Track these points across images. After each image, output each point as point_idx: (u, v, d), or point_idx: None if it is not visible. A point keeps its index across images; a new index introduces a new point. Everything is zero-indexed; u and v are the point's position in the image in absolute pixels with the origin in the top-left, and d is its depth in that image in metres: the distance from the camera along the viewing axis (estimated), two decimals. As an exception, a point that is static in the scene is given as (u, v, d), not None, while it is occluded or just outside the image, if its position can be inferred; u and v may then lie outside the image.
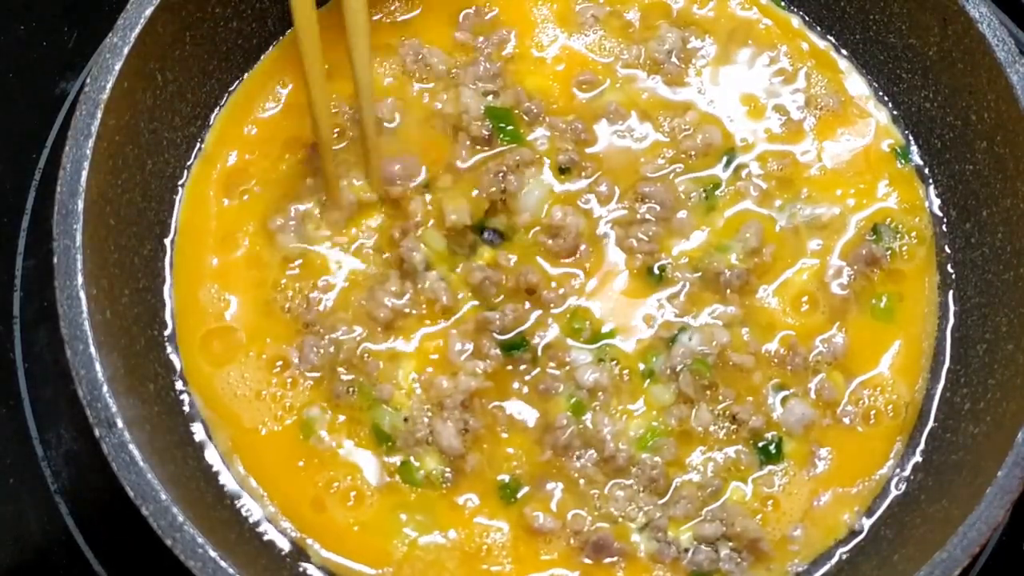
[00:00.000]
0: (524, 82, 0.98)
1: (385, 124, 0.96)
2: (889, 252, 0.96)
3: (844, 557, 0.89)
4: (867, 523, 0.89)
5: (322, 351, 0.90)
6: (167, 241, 0.93)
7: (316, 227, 0.93)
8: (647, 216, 0.94)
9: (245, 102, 0.98)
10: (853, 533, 0.90)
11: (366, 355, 0.90)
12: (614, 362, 0.91)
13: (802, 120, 0.99)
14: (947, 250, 0.97)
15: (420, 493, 0.87)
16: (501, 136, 0.95)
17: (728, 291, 0.93)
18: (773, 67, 1.01)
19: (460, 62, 0.98)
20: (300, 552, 0.87)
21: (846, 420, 0.91)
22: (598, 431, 0.88)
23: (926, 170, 0.99)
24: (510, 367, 0.90)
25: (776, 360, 0.92)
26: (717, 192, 0.96)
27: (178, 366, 0.90)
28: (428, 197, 0.93)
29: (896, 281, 0.96)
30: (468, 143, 0.95)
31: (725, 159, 0.97)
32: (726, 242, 0.94)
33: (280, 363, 0.90)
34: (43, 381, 1.00)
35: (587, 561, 0.86)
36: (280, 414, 0.89)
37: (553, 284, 0.92)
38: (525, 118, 0.96)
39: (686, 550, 0.87)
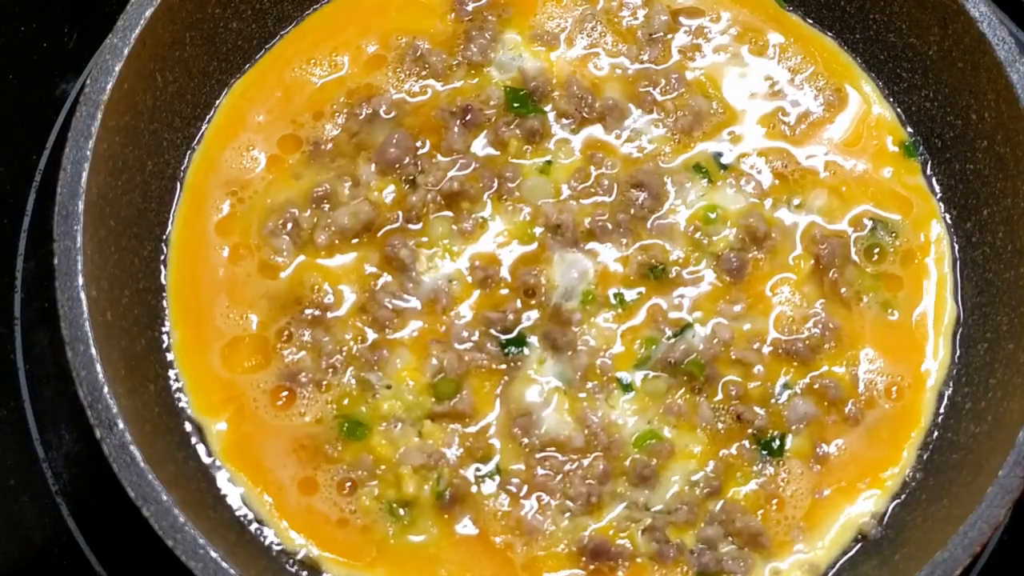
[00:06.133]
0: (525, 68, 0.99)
1: (382, 115, 0.96)
2: (890, 249, 0.96)
3: (845, 556, 0.89)
4: (870, 521, 0.89)
5: (322, 351, 0.90)
6: (167, 242, 0.93)
7: (316, 228, 0.93)
8: (642, 206, 0.94)
9: (245, 103, 0.98)
10: (855, 531, 0.89)
11: (365, 356, 0.90)
12: (612, 358, 0.91)
13: (803, 118, 0.99)
14: (948, 249, 0.97)
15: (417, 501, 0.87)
16: (518, 109, 0.96)
17: (729, 280, 0.93)
18: (774, 65, 1.01)
19: (458, 48, 0.99)
20: (300, 552, 0.87)
21: (849, 417, 0.91)
22: (594, 428, 0.88)
23: (927, 168, 0.99)
24: (509, 365, 0.90)
25: (779, 356, 0.92)
26: (715, 187, 0.96)
27: (178, 366, 0.90)
28: (429, 190, 0.94)
29: (897, 278, 0.95)
30: (460, 127, 0.95)
31: (719, 153, 0.97)
32: (724, 236, 0.94)
33: (282, 365, 0.90)
34: (44, 382, 1.00)
35: (590, 567, 0.86)
36: (280, 415, 0.89)
37: (555, 280, 0.93)
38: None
39: (691, 551, 0.87)
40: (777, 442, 0.90)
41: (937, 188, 0.99)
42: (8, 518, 0.97)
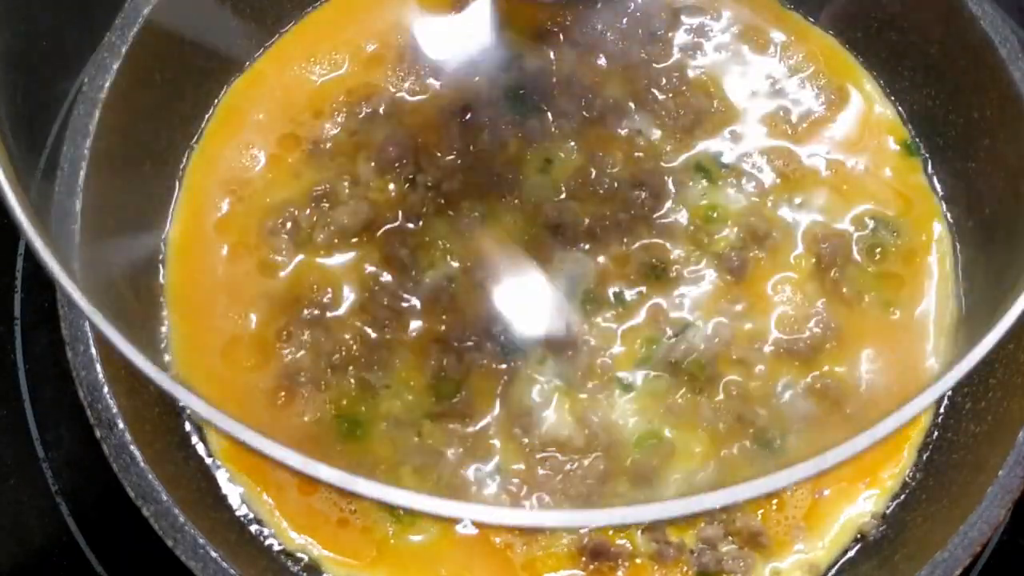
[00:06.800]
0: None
1: (381, 114, 0.96)
2: (892, 248, 0.95)
3: (845, 556, 0.89)
4: (870, 521, 0.89)
5: (322, 351, 0.90)
6: (166, 241, 0.93)
7: (316, 227, 0.93)
8: (643, 206, 0.94)
9: (244, 102, 0.98)
10: (855, 531, 0.89)
11: (365, 356, 0.90)
12: (613, 358, 0.90)
13: (805, 116, 0.99)
14: (949, 248, 0.97)
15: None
16: (518, 109, 0.96)
17: (730, 279, 0.92)
18: (776, 64, 1.01)
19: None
20: (300, 552, 0.87)
21: (851, 416, 0.91)
22: (594, 428, 0.88)
23: (928, 167, 0.99)
24: (509, 365, 0.90)
25: (780, 356, 0.92)
26: (716, 186, 0.96)
27: (176, 367, 0.90)
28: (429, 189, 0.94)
29: (898, 277, 0.95)
30: (460, 126, 0.95)
31: (720, 151, 0.97)
32: (725, 235, 0.94)
33: (281, 364, 0.90)
34: (44, 382, 1.00)
35: (590, 567, 0.86)
36: (277, 415, 0.89)
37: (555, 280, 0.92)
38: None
39: (691, 551, 0.87)
40: (778, 442, 0.90)
41: (939, 187, 0.99)
42: (8, 518, 0.98)
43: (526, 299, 0.89)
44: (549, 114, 0.97)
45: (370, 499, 0.56)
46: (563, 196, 0.95)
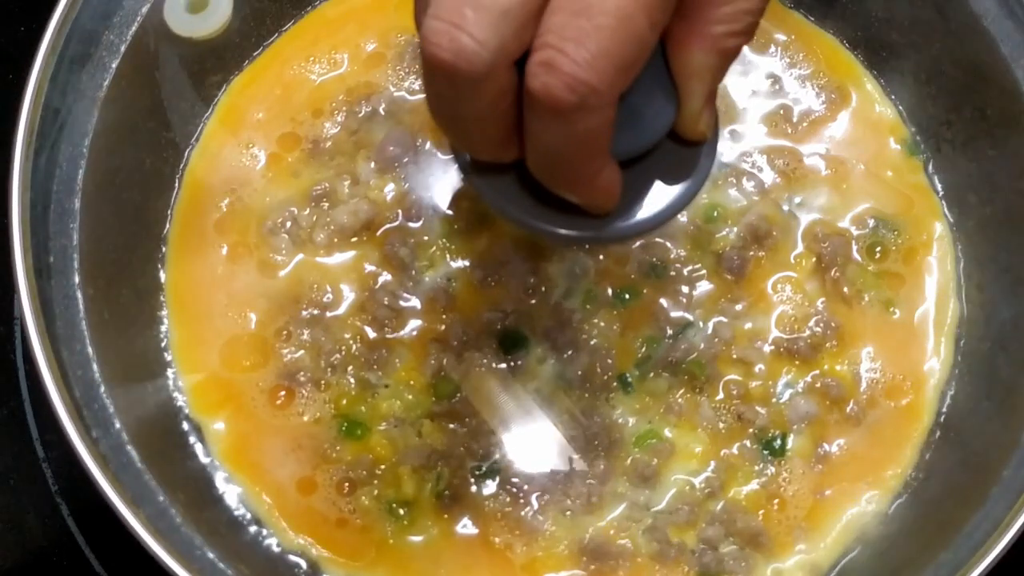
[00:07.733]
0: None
1: (381, 113, 0.96)
2: (892, 247, 0.95)
3: (847, 556, 0.88)
4: (872, 521, 0.89)
5: (321, 350, 0.90)
6: (165, 240, 0.93)
7: (315, 226, 0.93)
8: None
9: (244, 101, 0.98)
10: (857, 531, 0.89)
11: (364, 355, 0.90)
12: (612, 357, 0.90)
13: (805, 116, 0.99)
14: (950, 248, 0.96)
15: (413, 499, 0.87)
16: None
17: (730, 278, 0.92)
18: (776, 63, 1.01)
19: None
20: (298, 553, 0.87)
21: (851, 416, 0.90)
22: (595, 428, 0.88)
23: (929, 167, 0.99)
24: (509, 365, 0.90)
25: (780, 355, 0.91)
26: (717, 185, 0.96)
27: (175, 365, 0.90)
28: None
29: (899, 276, 0.95)
30: None
31: (720, 151, 0.96)
32: (725, 235, 0.94)
33: (280, 364, 0.90)
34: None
35: (591, 567, 0.86)
36: (278, 414, 0.89)
37: (555, 279, 0.92)
38: None
39: (692, 552, 0.86)
40: (778, 441, 0.90)
41: (939, 186, 0.98)
42: (8, 518, 0.98)
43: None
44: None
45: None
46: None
